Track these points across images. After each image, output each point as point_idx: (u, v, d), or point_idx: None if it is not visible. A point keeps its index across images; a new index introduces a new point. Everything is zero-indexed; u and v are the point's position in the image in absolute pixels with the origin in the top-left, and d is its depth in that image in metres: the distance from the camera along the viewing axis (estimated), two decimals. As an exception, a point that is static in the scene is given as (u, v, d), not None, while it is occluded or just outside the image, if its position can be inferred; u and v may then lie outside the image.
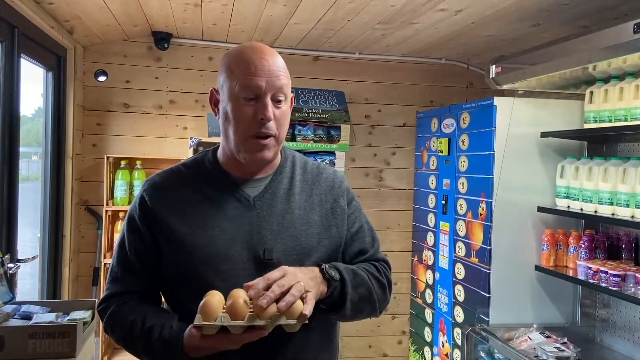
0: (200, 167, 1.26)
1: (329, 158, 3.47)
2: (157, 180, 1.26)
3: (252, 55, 1.17)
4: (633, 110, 2.21)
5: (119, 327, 1.19)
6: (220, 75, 1.21)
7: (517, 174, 2.73)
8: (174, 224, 1.18)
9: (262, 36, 3.36)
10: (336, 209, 1.30)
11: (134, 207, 1.24)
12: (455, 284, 3.07)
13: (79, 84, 3.29)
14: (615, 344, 2.56)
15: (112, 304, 1.21)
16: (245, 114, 1.15)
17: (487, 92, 3.19)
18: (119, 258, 1.24)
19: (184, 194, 1.22)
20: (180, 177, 1.25)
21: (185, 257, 1.17)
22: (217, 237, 1.17)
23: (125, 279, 1.23)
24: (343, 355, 3.75)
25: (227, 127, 1.19)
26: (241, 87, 1.15)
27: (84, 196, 3.40)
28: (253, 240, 1.18)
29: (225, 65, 1.20)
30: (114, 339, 1.23)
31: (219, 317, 1.02)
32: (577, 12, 2.48)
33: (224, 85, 1.19)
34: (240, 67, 1.16)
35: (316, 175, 1.33)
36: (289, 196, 1.25)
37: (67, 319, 1.89)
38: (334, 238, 1.27)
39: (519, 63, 2.63)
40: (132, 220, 1.23)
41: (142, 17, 2.99)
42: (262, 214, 1.21)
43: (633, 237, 2.42)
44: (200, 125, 3.52)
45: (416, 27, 2.96)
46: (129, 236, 1.23)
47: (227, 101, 1.18)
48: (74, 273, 3.29)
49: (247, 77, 1.15)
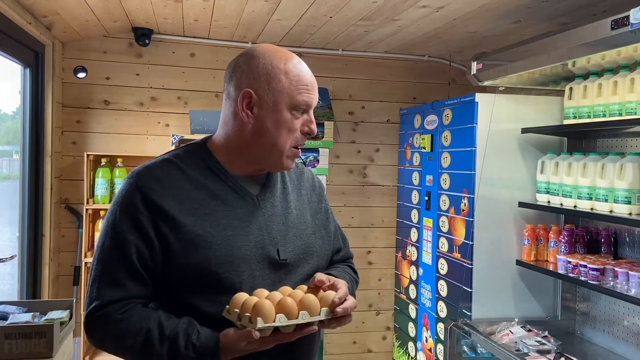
0: (197, 160, 1.20)
1: (313, 155, 3.47)
2: (153, 173, 1.16)
3: (306, 70, 1.21)
4: (611, 106, 2.24)
5: (130, 338, 1.07)
6: (267, 80, 1.17)
7: (499, 169, 2.75)
8: (186, 223, 1.11)
9: (244, 32, 3.34)
10: (321, 209, 1.35)
11: (130, 203, 1.12)
12: (439, 280, 3.09)
13: (58, 80, 3.24)
14: (595, 337, 2.60)
15: (115, 312, 1.09)
16: (296, 126, 1.19)
17: (469, 89, 3.21)
18: (114, 261, 1.11)
19: (188, 188, 1.15)
20: (178, 170, 1.17)
21: (201, 258, 1.10)
22: (232, 238, 1.13)
23: (127, 284, 1.10)
24: (328, 351, 3.76)
25: (265, 133, 1.17)
26: (300, 101, 1.18)
27: (63, 195, 3.35)
28: (265, 241, 1.17)
29: (274, 75, 1.17)
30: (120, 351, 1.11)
31: (276, 317, 1.02)
32: (557, 9, 2.50)
33: (274, 92, 1.17)
34: (300, 81, 1.18)
35: (299, 175, 1.36)
36: (285, 195, 1.27)
37: (44, 319, 1.86)
38: (325, 238, 1.31)
39: (499, 60, 2.65)
40: (132, 216, 1.11)
41: (122, 13, 2.95)
42: (267, 213, 1.21)
43: (612, 232, 2.46)
44: (182, 122, 3.49)
45: (399, 23, 2.96)
46: (128, 236, 1.10)
47: (276, 108, 1.17)
48: (54, 273, 3.24)
49: (306, 94, 1.19)
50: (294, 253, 1.21)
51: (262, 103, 1.17)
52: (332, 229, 1.36)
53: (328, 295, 1.10)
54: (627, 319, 2.42)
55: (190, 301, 1.12)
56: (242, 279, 1.12)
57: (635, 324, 2.37)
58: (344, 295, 1.11)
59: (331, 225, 1.36)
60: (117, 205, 1.14)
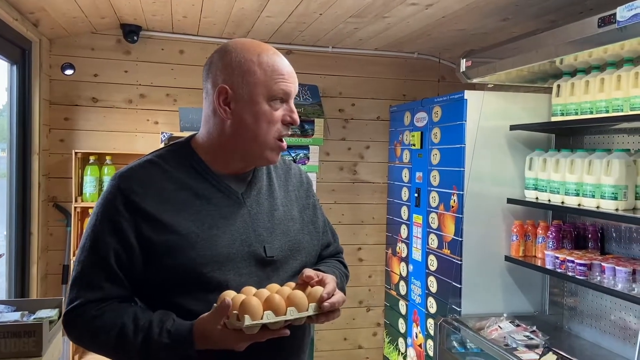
0: (181, 160, 1.20)
1: (303, 152, 3.47)
2: (134, 175, 1.15)
3: (281, 60, 1.19)
4: (598, 103, 2.26)
5: (105, 332, 1.08)
6: (240, 74, 1.16)
7: (487, 166, 2.77)
8: (168, 224, 1.11)
9: (234, 29, 3.33)
10: (309, 205, 1.35)
11: (111, 206, 1.12)
12: (428, 276, 3.11)
13: (45, 77, 3.21)
14: (583, 332, 2.63)
15: (91, 309, 1.09)
16: (276, 118, 1.17)
17: (459, 86, 3.22)
18: (93, 263, 1.11)
19: (170, 188, 1.15)
20: (160, 170, 1.17)
21: (186, 258, 1.10)
22: (217, 237, 1.13)
23: (103, 286, 1.10)
24: (318, 348, 3.77)
25: (246, 128, 1.16)
26: (277, 91, 1.16)
27: (51, 193, 3.32)
28: (251, 239, 1.17)
29: (246, 65, 1.16)
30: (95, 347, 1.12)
31: (264, 314, 1.01)
32: (544, 6, 2.52)
33: (249, 85, 1.15)
34: (275, 71, 1.16)
35: (286, 171, 1.35)
36: (271, 192, 1.26)
37: (33, 317, 1.85)
38: (313, 234, 1.31)
39: (488, 57, 2.67)
40: (112, 220, 1.10)
41: (110, 10, 2.93)
42: (253, 211, 1.20)
43: (599, 227, 2.49)
44: (171, 119, 3.47)
45: (388, 21, 2.97)
46: (107, 240, 1.10)
47: (253, 101, 1.15)
48: (42, 271, 3.22)
49: (283, 83, 1.17)
50: (281, 250, 1.21)
51: (238, 97, 1.16)
52: (320, 224, 1.36)
53: (316, 291, 1.09)
54: (613, 314, 2.45)
55: (178, 301, 1.12)
56: (228, 277, 1.12)
57: (621, 318, 2.40)
58: (332, 290, 1.11)
59: (319, 221, 1.36)
60: (99, 207, 1.14)
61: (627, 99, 2.12)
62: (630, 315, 2.36)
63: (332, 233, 1.43)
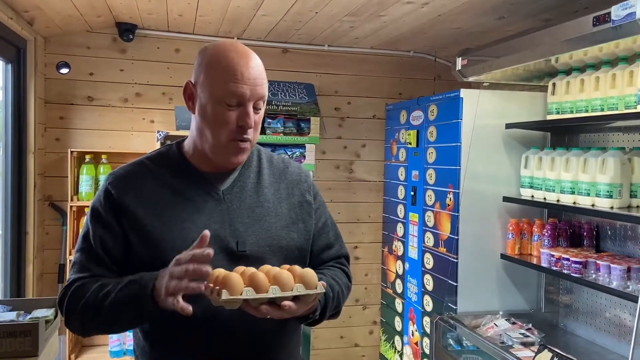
0: (166, 160, 1.27)
1: (299, 151, 3.47)
2: (121, 173, 1.26)
3: (239, 60, 1.17)
4: (593, 101, 2.27)
5: (82, 296, 1.14)
6: (201, 72, 1.20)
7: (483, 164, 2.78)
8: (144, 217, 1.19)
9: (229, 28, 3.33)
10: (303, 203, 1.35)
11: (98, 200, 1.23)
12: (424, 274, 3.12)
13: (40, 76, 3.20)
14: (578, 329, 2.65)
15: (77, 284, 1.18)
16: (227, 119, 1.18)
17: (455, 85, 3.22)
18: (83, 250, 1.21)
19: (151, 186, 1.22)
20: (145, 170, 1.25)
21: (156, 250, 1.16)
22: (188, 230, 1.18)
23: (91, 268, 1.19)
24: (315, 346, 3.77)
25: (204, 126, 1.20)
26: (226, 92, 1.16)
27: (47, 192, 3.31)
28: (225, 233, 1.20)
29: (208, 64, 1.19)
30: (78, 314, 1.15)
31: (244, 290, 1.03)
32: (540, 5, 2.53)
33: (204, 84, 1.19)
34: (227, 72, 1.16)
35: (283, 170, 1.37)
36: (258, 189, 1.29)
37: (29, 317, 1.84)
38: (301, 232, 1.31)
39: (484, 56, 2.67)
40: (97, 212, 1.21)
41: (105, 8, 2.92)
42: (233, 207, 1.24)
43: (594, 225, 2.50)
44: (167, 118, 3.47)
45: (384, 19, 2.97)
46: (94, 229, 1.21)
47: (207, 101, 1.18)
48: (38, 270, 3.21)
49: (233, 84, 1.16)
50: (257, 245, 1.22)
51: (197, 95, 1.20)
52: (313, 224, 1.34)
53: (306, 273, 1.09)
54: (608, 311, 2.46)
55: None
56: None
57: (616, 316, 2.42)
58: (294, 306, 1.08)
59: (313, 220, 1.34)
60: (93, 203, 1.25)
61: (622, 98, 2.13)
62: (625, 313, 2.37)
63: (336, 236, 1.42)
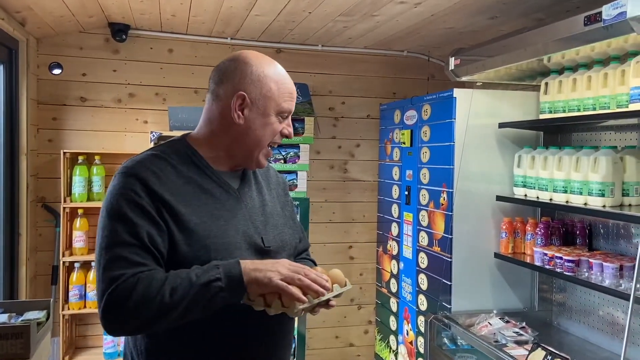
0: (183, 157, 1.29)
1: (293, 151, 3.46)
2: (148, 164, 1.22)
3: (289, 80, 1.34)
4: (585, 100, 2.28)
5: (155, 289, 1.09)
6: (255, 87, 1.29)
7: (477, 164, 2.78)
8: (184, 213, 1.19)
9: (223, 28, 3.32)
10: (287, 203, 1.49)
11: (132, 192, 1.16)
12: (419, 273, 3.12)
13: (33, 77, 3.18)
14: (572, 327, 2.66)
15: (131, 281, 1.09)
16: (276, 129, 1.32)
17: (448, 84, 3.23)
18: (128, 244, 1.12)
19: (178, 181, 1.23)
20: (169, 164, 1.25)
21: (200, 245, 1.18)
22: (225, 227, 1.23)
23: (142, 262, 1.12)
24: (310, 346, 3.77)
25: (248, 133, 1.29)
26: (284, 107, 1.32)
27: (40, 193, 3.30)
28: (251, 230, 1.29)
29: (265, 83, 1.30)
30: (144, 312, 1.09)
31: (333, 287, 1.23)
32: (532, 4, 2.53)
33: (259, 99, 1.29)
34: (283, 91, 1.31)
35: (266, 171, 1.48)
36: (259, 190, 1.40)
37: (21, 319, 1.83)
38: (294, 228, 1.45)
39: (476, 55, 2.68)
40: (137, 204, 1.15)
41: (98, 8, 2.91)
42: (249, 205, 1.32)
43: (586, 224, 2.51)
44: (161, 119, 3.46)
45: (377, 19, 2.97)
46: (138, 221, 1.14)
47: (263, 113, 1.29)
48: (31, 272, 3.19)
49: (289, 101, 1.33)
50: (275, 241, 1.33)
51: (253, 106, 1.29)
52: (297, 220, 1.51)
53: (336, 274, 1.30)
54: (602, 309, 2.48)
55: None
56: None
57: (609, 314, 2.43)
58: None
59: (296, 217, 1.51)
60: (119, 197, 1.17)
61: (613, 97, 2.14)
62: (618, 311, 2.38)
63: (302, 229, 1.55)
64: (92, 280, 3.17)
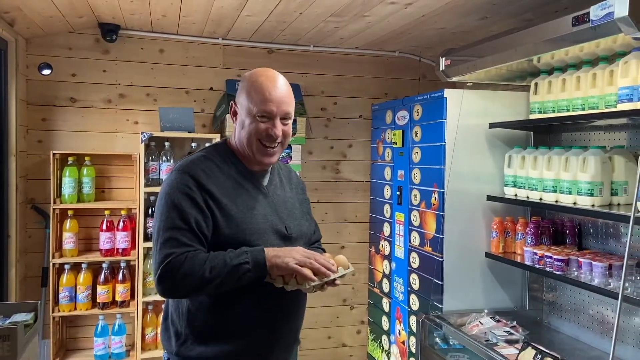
0: (224, 158, 1.59)
1: (286, 151, 3.46)
2: (199, 164, 1.53)
3: (267, 84, 1.54)
4: (574, 101, 2.30)
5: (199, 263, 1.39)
6: (241, 95, 1.58)
7: (467, 164, 2.79)
8: (226, 203, 1.49)
9: (214, 28, 3.31)
10: (304, 200, 1.78)
11: (185, 186, 1.46)
12: (411, 273, 3.13)
13: (22, 77, 3.16)
14: (562, 326, 2.67)
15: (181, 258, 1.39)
16: (259, 128, 1.54)
17: (439, 84, 3.24)
18: (180, 228, 1.42)
19: (222, 178, 1.53)
20: (214, 164, 1.55)
21: (238, 230, 1.48)
22: (256, 216, 1.53)
23: (189, 244, 1.42)
24: (303, 347, 3.77)
25: (243, 136, 1.56)
26: (259, 110, 1.53)
27: (29, 194, 3.27)
28: (276, 220, 1.57)
29: (246, 89, 1.56)
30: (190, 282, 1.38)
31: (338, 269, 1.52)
32: (521, 5, 2.55)
33: (243, 104, 1.56)
34: (258, 94, 1.53)
35: (288, 172, 1.79)
36: (282, 187, 1.68)
37: (8, 321, 1.82)
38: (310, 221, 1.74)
39: (467, 56, 2.69)
40: (189, 196, 1.45)
41: (87, 8, 2.89)
42: (274, 200, 1.62)
43: (576, 223, 2.53)
44: (152, 119, 3.44)
45: (368, 20, 2.97)
46: (188, 210, 1.44)
47: (245, 116, 1.56)
48: (21, 274, 3.17)
49: (265, 104, 1.53)
50: (295, 230, 1.62)
51: (239, 111, 1.58)
52: (312, 215, 1.80)
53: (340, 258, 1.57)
54: (591, 308, 2.49)
55: None
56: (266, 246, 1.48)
57: (599, 313, 2.44)
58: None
59: (311, 212, 1.80)
60: (174, 189, 1.47)
61: (602, 97, 2.16)
62: (607, 310, 2.40)
63: (316, 224, 1.83)
64: (82, 282, 3.15)
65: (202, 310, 1.50)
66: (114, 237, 3.20)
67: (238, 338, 1.50)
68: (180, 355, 1.51)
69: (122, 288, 3.21)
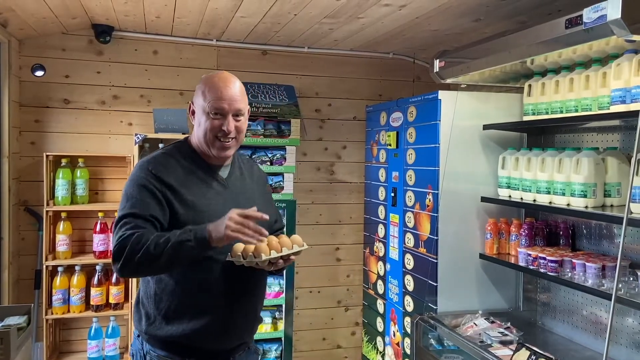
0: (184, 154, 1.72)
1: (280, 153, 3.46)
2: (159, 160, 1.67)
3: (220, 84, 1.67)
4: (568, 102, 2.31)
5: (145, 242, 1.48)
6: (197, 95, 1.71)
7: (461, 165, 2.80)
8: (185, 193, 1.63)
9: (208, 30, 3.31)
10: (266, 192, 1.92)
11: (145, 179, 1.59)
12: (405, 274, 3.13)
13: (15, 79, 3.14)
14: (556, 327, 2.68)
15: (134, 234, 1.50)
16: (215, 125, 1.67)
17: (434, 86, 3.25)
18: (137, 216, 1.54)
19: (181, 172, 1.66)
20: (174, 160, 1.68)
21: (198, 217, 1.60)
22: (216, 205, 1.65)
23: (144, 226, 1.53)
24: (297, 348, 3.76)
25: (201, 132, 1.69)
26: (210, 108, 1.66)
27: (23, 196, 3.25)
28: (233, 207, 1.59)
29: (201, 89, 1.69)
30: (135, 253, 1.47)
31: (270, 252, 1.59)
32: (515, 7, 2.56)
33: (199, 103, 1.70)
34: (211, 93, 1.66)
35: (250, 166, 1.91)
36: (243, 179, 1.81)
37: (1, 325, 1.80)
38: (270, 210, 1.79)
39: (461, 57, 2.70)
40: (148, 188, 1.58)
41: (81, 10, 2.88)
42: (234, 191, 1.74)
43: (570, 224, 2.54)
44: (145, 121, 3.43)
45: (362, 21, 2.98)
46: (146, 199, 1.57)
47: (201, 115, 1.69)
48: (14, 277, 3.15)
49: (215, 102, 1.66)
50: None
51: (196, 109, 1.72)
52: (274, 205, 1.94)
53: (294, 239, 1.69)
54: (585, 309, 2.50)
55: None
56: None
57: (593, 313, 2.46)
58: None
59: (273, 203, 1.95)
60: (133, 182, 1.61)
61: (595, 99, 2.17)
62: (601, 310, 2.41)
63: (279, 214, 1.99)
64: (75, 285, 3.13)
65: (166, 293, 1.63)
66: (107, 239, 3.18)
67: (200, 317, 1.62)
68: (148, 334, 1.65)
69: (115, 290, 3.20)
